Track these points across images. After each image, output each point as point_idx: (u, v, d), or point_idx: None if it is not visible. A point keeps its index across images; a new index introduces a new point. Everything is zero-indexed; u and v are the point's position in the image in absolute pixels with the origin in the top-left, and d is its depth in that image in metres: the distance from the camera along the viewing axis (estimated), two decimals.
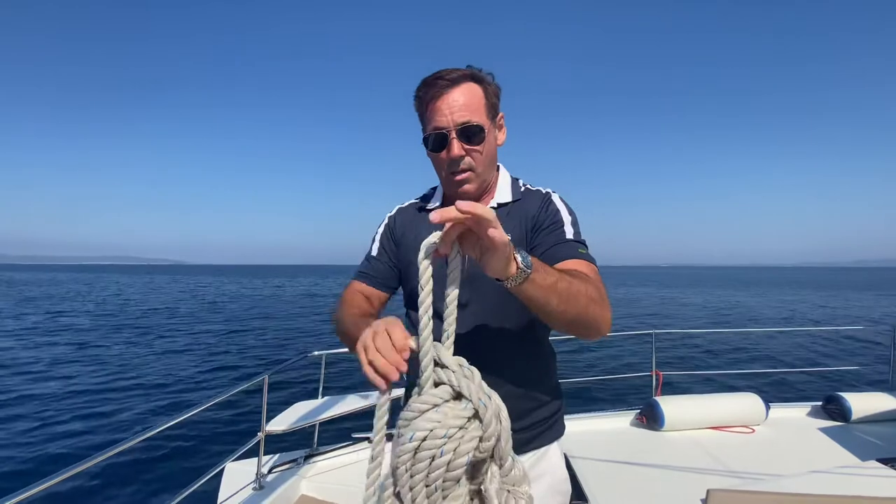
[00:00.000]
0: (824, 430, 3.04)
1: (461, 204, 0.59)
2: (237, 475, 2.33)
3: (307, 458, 2.60)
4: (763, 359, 11.05)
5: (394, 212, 1.25)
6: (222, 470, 2.31)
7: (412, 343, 0.69)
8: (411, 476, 0.61)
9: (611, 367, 9.48)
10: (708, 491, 1.66)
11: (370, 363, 0.68)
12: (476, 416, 0.63)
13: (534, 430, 1.09)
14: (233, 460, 2.33)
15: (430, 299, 0.68)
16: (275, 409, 2.59)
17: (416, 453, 0.60)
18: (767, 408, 3.15)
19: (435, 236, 0.67)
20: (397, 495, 0.63)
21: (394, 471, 0.63)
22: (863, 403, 3.21)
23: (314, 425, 2.63)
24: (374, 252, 1.20)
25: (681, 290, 40.22)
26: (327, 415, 2.61)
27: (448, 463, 0.60)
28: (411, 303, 1.14)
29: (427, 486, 0.61)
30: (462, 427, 0.61)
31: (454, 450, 0.60)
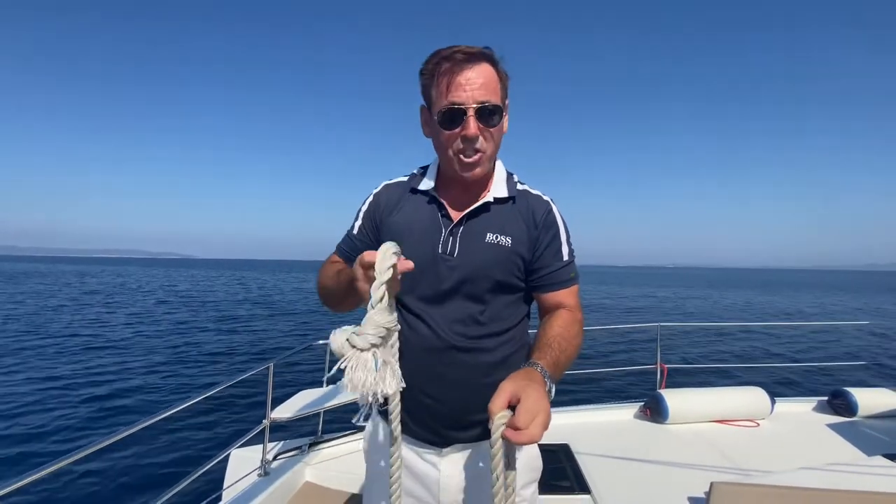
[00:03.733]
0: (830, 426, 3.02)
1: (523, 435, 0.69)
2: (242, 462, 2.35)
3: (311, 445, 2.62)
4: (769, 353, 11.00)
5: (380, 188, 1.18)
6: (227, 456, 2.33)
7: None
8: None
9: (615, 360, 9.46)
10: (711, 484, 1.65)
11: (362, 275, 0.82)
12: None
13: None
14: (238, 447, 2.35)
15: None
16: (280, 398, 2.61)
17: None
18: (773, 402, 3.14)
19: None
20: None
21: None
22: (869, 399, 3.19)
23: (318, 413, 2.65)
24: (356, 230, 1.16)
25: (699, 291, 39.67)
26: (331, 403, 2.63)
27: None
28: None
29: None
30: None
31: None
